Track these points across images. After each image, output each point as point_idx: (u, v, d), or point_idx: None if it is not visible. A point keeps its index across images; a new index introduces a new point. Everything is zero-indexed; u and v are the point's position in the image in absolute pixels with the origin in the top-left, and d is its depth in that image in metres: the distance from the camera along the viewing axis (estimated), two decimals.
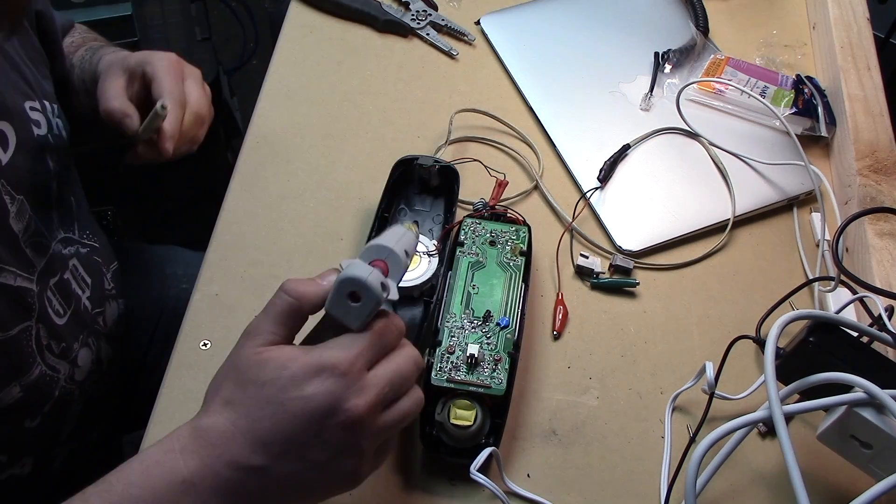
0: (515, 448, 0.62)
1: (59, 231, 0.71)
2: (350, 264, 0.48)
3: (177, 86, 0.68)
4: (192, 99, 0.69)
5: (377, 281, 0.47)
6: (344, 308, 0.48)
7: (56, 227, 0.70)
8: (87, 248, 0.76)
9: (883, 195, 0.73)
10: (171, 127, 0.66)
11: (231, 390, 0.47)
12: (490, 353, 0.60)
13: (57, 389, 0.70)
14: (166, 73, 0.68)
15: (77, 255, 0.73)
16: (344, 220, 0.74)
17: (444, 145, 0.79)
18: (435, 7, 0.91)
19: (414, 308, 0.67)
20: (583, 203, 0.75)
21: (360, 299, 0.47)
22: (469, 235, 0.68)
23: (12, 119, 0.64)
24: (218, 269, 0.70)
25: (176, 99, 0.67)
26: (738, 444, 0.55)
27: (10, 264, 0.62)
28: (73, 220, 0.75)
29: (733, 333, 0.61)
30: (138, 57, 0.70)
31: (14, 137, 0.64)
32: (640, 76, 0.85)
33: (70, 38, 0.83)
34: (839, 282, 0.63)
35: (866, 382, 0.50)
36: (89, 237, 0.77)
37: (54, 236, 0.70)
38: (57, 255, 0.69)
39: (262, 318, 0.49)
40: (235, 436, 0.45)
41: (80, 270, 0.74)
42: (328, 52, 0.87)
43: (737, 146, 0.79)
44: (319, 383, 0.45)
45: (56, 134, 0.70)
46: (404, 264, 0.50)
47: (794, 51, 0.90)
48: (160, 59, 0.69)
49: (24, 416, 0.68)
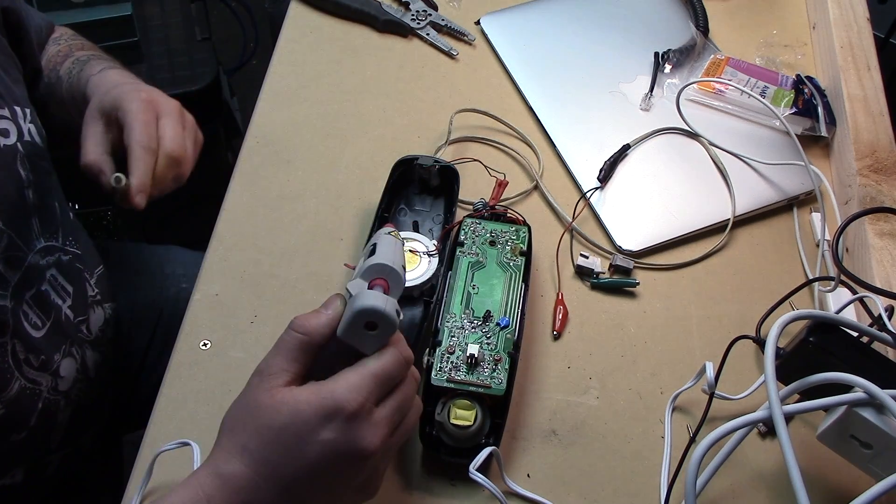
0: (515, 448, 0.62)
1: (41, 240, 0.70)
2: (361, 293, 0.48)
3: (146, 131, 0.66)
4: (166, 141, 0.67)
5: (393, 309, 0.48)
6: (359, 336, 0.48)
7: (36, 235, 0.69)
8: (68, 256, 0.75)
9: (883, 195, 0.73)
10: (139, 180, 0.64)
11: (248, 436, 0.48)
12: (490, 353, 0.60)
13: (40, 402, 0.69)
14: (135, 119, 0.65)
15: (57, 263, 0.72)
16: (344, 220, 0.74)
17: (444, 145, 0.79)
18: (435, 7, 0.91)
19: (414, 308, 0.67)
20: (583, 203, 0.75)
21: (376, 328, 0.48)
22: (469, 235, 0.68)
23: None
24: (218, 269, 0.70)
25: (145, 146, 0.65)
26: (738, 444, 0.55)
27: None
28: (57, 226, 0.73)
29: (733, 333, 0.61)
30: (112, 98, 0.68)
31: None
32: (640, 76, 0.85)
33: (55, 45, 0.81)
34: (839, 282, 0.63)
35: (866, 382, 0.50)
36: (72, 244, 0.76)
37: (33, 247, 0.68)
38: (33, 267, 0.68)
39: (273, 356, 0.49)
40: (259, 484, 0.47)
41: (59, 280, 0.72)
42: (328, 52, 0.87)
43: (737, 146, 0.79)
44: (333, 428, 0.46)
45: (28, 140, 0.69)
46: (403, 280, 0.51)
47: (794, 51, 0.90)
48: (131, 101, 0.67)
49: (9, 431, 0.67)
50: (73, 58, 0.78)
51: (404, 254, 0.54)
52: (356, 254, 0.71)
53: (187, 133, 0.70)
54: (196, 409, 0.62)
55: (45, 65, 0.79)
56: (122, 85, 0.70)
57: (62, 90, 0.77)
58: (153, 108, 0.68)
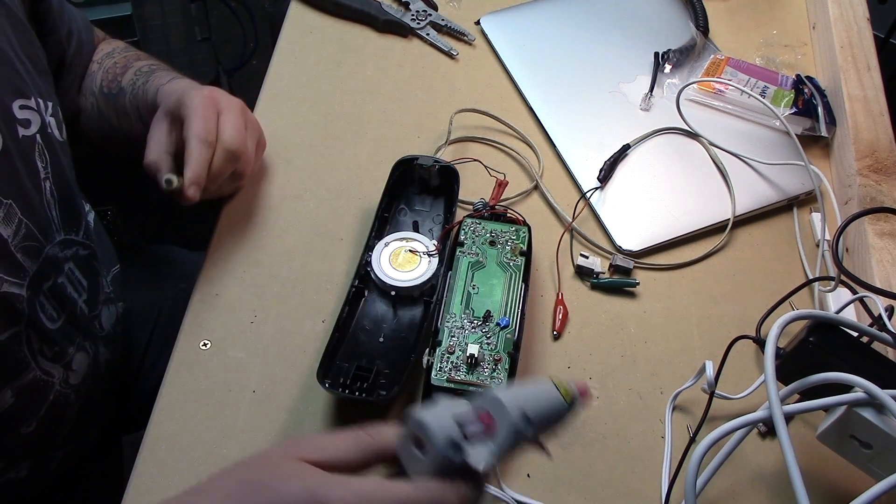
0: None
1: (60, 233, 0.70)
2: (437, 405, 0.42)
3: (204, 125, 0.65)
4: (224, 135, 0.66)
5: (446, 436, 0.40)
6: (407, 452, 0.42)
7: (56, 228, 0.70)
8: (87, 251, 0.75)
9: (883, 195, 0.73)
10: (193, 172, 0.64)
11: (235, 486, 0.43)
12: (490, 353, 0.60)
13: (52, 394, 0.69)
14: (195, 113, 0.65)
15: (75, 257, 0.73)
16: (344, 220, 0.74)
17: (444, 145, 0.79)
18: (435, 7, 0.91)
19: (414, 308, 0.67)
20: (583, 203, 0.75)
21: (422, 447, 0.41)
22: (469, 235, 0.68)
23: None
24: (218, 269, 0.70)
25: (202, 139, 0.65)
26: (738, 444, 0.55)
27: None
28: (78, 221, 0.74)
29: (733, 333, 0.61)
30: (177, 97, 0.68)
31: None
32: (640, 76, 0.85)
33: (111, 58, 0.81)
34: (839, 282, 0.63)
35: (866, 382, 0.50)
36: (91, 239, 0.77)
37: (52, 239, 0.69)
38: (51, 258, 0.68)
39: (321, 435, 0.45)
40: None
41: (76, 273, 0.73)
42: (328, 52, 0.87)
43: (737, 146, 0.79)
44: None
45: (49, 133, 0.69)
46: (518, 432, 0.41)
47: (794, 51, 0.90)
48: (194, 97, 0.67)
49: (19, 423, 0.67)
50: (134, 69, 0.78)
51: (559, 413, 0.43)
52: (356, 254, 0.71)
53: (249, 132, 0.70)
54: (196, 408, 0.62)
55: (104, 77, 0.79)
56: (190, 86, 0.70)
57: (125, 101, 0.77)
58: (214, 105, 0.67)
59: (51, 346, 0.68)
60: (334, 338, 0.62)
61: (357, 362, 0.62)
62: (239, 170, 0.69)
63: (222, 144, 0.66)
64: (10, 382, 0.65)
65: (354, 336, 0.65)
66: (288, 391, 0.63)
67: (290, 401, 0.63)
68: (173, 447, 0.60)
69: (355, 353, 0.63)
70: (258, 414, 0.62)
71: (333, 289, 0.69)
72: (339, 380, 0.61)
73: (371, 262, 0.67)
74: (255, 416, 0.62)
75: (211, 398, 0.63)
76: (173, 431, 0.61)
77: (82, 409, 0.75)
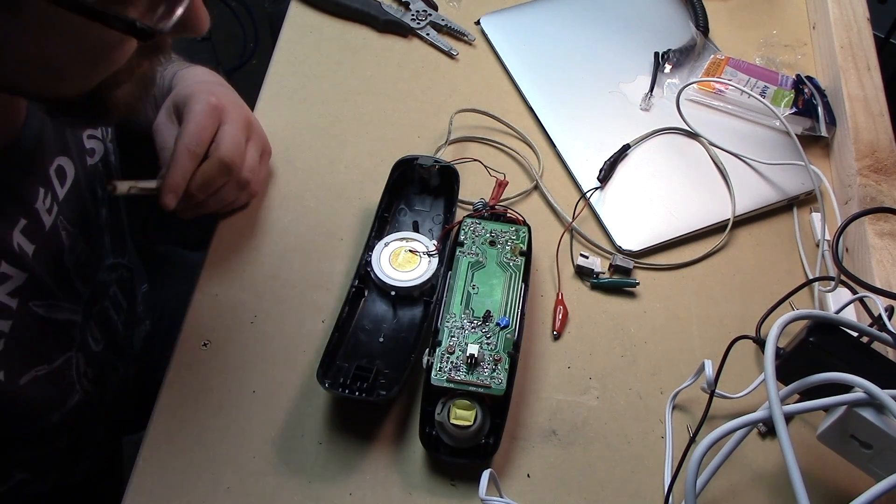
0: (515, 448, 0.62)
1: (110, 257, 0.70)
2: None
3: (196, 133, 0.64)
4: (221, 146, 0.65)
5: None
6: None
7: (107, 253, 0.70)
8: (129, 273, 0.75)
9: (883, 195, 0.73)
10: (172, 180, 0.62)
11: None
12: (490, 353, 0.60)
13: (89, 412, 0.70)
14: (192, 120, 0.64)
15: (119, 280, 0.73)
16: (344, 220, 0.74)
17: (444, 145, 0.79)
18: (435, 7, 0.91)
19: (414, 308, 0.67)
20: (583, 203, 0.75)
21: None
22: (469, 235, 0.68)
23: (71, 153, 0.62)
24: (218, 269, 0.70)
25: (189, 149, 0.63)
26: (738, 444, 0.55)
27: (60, 299, 0.63)
28: (126, 243, 0.74)
29: (733, 333, 0.61)
30: (185, 94, 0.66)
31: (73, 171, 0.62)
32: (640, 76, 0.85)
33: None
34: (839, 282, 0.63)
35: (866, 382, 0.50)
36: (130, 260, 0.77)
37: (103, 264, 0.69)
38: (101, 283, 0.69)
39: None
40: None
41: (118, 297, 0.73)
42: (328, 52, 0.87)
43: (737, 146, 0.79)
44: None
45: (109, 161, 0.69)
46: None
47: (794, 51, 0.90)
48: (198, 101, 0.65)
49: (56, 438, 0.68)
50: None
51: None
52: (356, 254, 0.71)
53: (252, 144, 0.68)
54: (196, 408, 0.62)
55: None
56: (202, 83, 0.68)
57: None
58: (217, 114, 0.66)
59: (94, 368, 0.69)
60: (334, 338, 0.62)
61: (357, 362, 0.62)
62: (240, 180, 0.68)
63: (217, 154, 0.65)
64: (61, 406, 0.65)
65: (354, 336, 0.65)
66: (288, 391, 0.63)
67: (290, 401, 0.63)
68: (173, 447, 0.60)
69: (355, 353, 0.63)
70: (258, 414, 0.62)
71: (333, 289, 0.69)
72: (339, 380, 0.61)
73: (371, 262, 0.67)
74: (255, 416, 0.62)
75: (211, 398, 0.63)
76: (173, 431, 0.61)
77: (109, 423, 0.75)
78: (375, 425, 0.62)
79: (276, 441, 0.61)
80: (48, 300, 0.61)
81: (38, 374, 0.62)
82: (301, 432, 0.61)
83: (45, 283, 0.60)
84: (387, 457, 0.61)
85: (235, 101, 0.69)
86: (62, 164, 0.62)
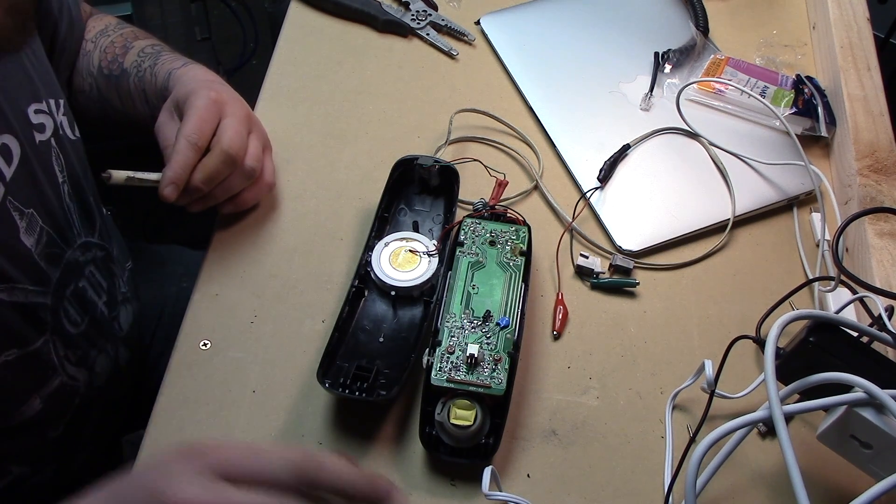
0: (515, 448, 0.62)
1: (80, 236, 0.70)
2: None
3: (199, 127, 0.64)
4: (224, 138, 0.65)
5: None
6: None
7: (77, 232, 0.69)
8: (103, 252, 0.75)
9: (883, 195, 0.73)
10: (173, 172, 0.63)
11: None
12: (490, 353, 0.60)
13: (77, 398, 0.70)
14: (194, 114, 0.64)
15: (94, 260, 0.72)
16: (344, 220, 0.74)
17: (444, 145, 0.79)
18: (435, 7, 0.91)
19: (414, 308, 0.67)
20: (583, 203, 0.75)
21: None
22: (469, 235, 0.68)
23: (14, 130, 0.62)
24: (218, 269, 0.70)
25: (191, 141, 0.63)
26: (738, 444, 0.55)
27: (21, 281, 0.62)
28: (94, 222, 0.73)
29: (733, 333, 0.61)
30: (186, 92, 0.67)
31: (18, 149, 0.62)
32: (640, 76, 0.85)
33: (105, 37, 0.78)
34: (839, 282, 0.63)
35: (866, 382, 0.50)
36: (107, 240, 0.76)
37: (72, 243, 0.68)
38: (73, 263, 0.68)
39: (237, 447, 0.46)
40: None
41: (96, 276, 0.72)
42: (328, 52, 0.87)
43: (737, 146, 0.79)
44: None
45: (62, 134, 0.68)
46: None
47: (794, 51, 0.90)
48: (199, 97, 0.65)
49: (47, 427, 0.67)
50: (136, 49, 0.76)
51: None
52: (356, 254, 0.71)
53: (254, 137, 0.69)
54: (196, 409, 0.62)
55: (102, 57, 0.77)
56: (202, 81, 0.69)
57: (129, 83, 0.75)
58: (217, 109, 0.66)
59: (75, 350, 0.68)
60: (334, 338, 0.62)
61: (357, 362, 0.62)
62: (245, 171, 0.67)
63: (220, 145, 0.65)
64: (40, 389, 0.65)
65: (354, 336, 0.65)
66: (288, 391, 0.63)
67: (290, 401, 0.63)
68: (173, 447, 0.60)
69: (355, 353, 0.63)
70: (258, 414, 0.62)
71: (333, 289, 0.69)
72: (339, 380, 0.61)
73: (371, 262, 0.67)
74: (255, 416, 0.62)
75: (211, 398, 0.63)
76: (173, 431, 0.61)
77: (104, 410, 0.75)
78: (375, 425, 0.62)
79: (276, 441, 0.61)
80: (7, 283, 0.60)
81: (9, 359, 0.61)
82: (301, 432, 0.61)
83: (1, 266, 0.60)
84: (387, 457, 0.61)
85: (235, 96, 0.70)
86: (6, 141, 0.60)
